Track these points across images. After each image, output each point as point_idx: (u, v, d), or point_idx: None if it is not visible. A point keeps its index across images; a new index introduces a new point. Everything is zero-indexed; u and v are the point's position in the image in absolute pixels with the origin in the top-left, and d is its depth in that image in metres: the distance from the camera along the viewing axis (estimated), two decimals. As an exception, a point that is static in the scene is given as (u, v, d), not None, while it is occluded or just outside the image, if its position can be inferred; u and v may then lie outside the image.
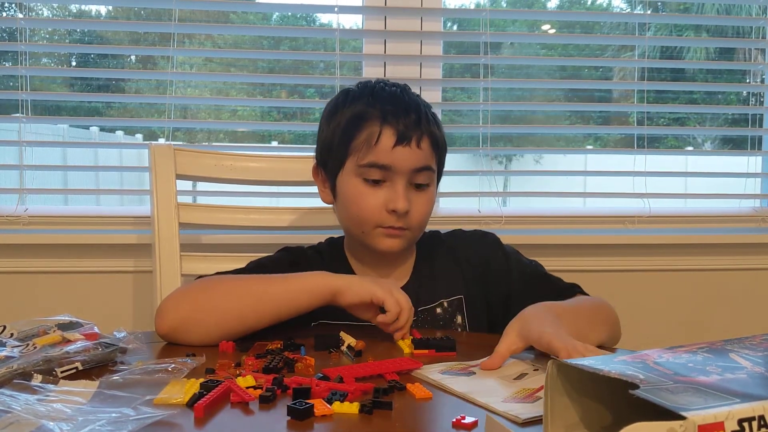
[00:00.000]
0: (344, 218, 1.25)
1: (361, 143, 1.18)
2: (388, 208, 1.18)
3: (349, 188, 1.21)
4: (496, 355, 0.94)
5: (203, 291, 1.10)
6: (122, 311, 1.78)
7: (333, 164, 1.23)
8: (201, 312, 1.06)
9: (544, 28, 2.27)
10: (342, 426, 0.73)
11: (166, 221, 1.51)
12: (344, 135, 1.20)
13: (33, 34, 1.88)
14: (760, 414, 0.52)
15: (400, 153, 1.17)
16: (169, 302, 1.09)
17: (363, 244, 1.24)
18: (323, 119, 1.27)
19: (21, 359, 0.85)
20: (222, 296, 1.08)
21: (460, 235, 1.38)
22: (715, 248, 1.95)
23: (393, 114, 1.18)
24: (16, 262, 1.74)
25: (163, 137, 1.85)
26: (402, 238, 1.21)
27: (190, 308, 1.07)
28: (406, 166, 1.18)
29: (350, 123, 1.20)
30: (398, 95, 1.23)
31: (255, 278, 1.12)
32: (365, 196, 1.19)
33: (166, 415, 0.72)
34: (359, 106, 1.21)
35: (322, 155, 1.27)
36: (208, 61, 2.17)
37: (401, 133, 1.17)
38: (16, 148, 1.79)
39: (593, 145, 2.47)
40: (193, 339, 1.05)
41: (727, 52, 2.33)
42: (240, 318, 1.06)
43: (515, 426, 0.72)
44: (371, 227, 1.20)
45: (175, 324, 1.05)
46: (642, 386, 0.54)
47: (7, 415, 0.68)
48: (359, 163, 1.18)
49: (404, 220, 1.19)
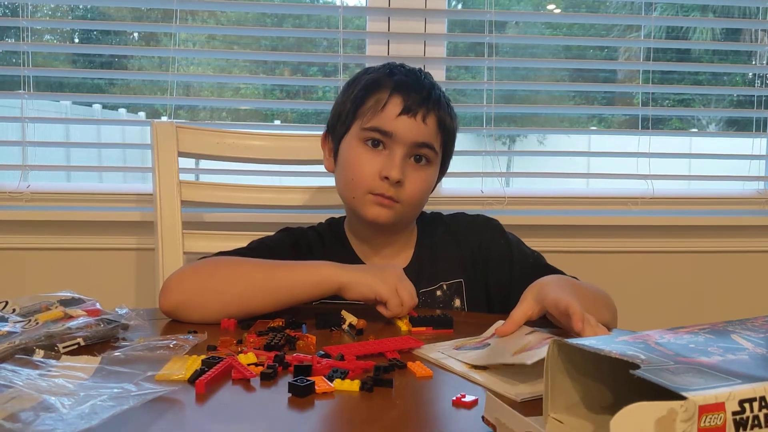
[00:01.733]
0: (340, 184, 1.27)
1: (368, 108, 1.21)
2: (381, 175, 1.18)
3: (349, 151, 1.23)
4: (510, 320, 0.94)
5: (209, 273, 1.10)
6: (124, 288, 1.78)
7: (340, 129, 1.25)
8: (205, 293, 1.06)
9: (549, 8, 2.25)
10: (342, 403, 0.73)
11: (168, 199, 1.51)
12: (355, 100, 1.23)
13: (35, 10, 1.87)
14: (761, 395, 0.52)
15: (403, 122, 1.19)
16: (174, 280, 1.09)
17: (354, 214, 1.25)
18: (341, 90, 1.31)
19: (23, 335, 0.85)
20: (227, 280, 1.08)
21: (462, 218, 1.38)
22: (718, 230, 1.95)
23: (404, 85, 1.21)
24: (19, 239, 1.74)
25: (166, 115, 1.85)
26: (391, 209, 1.20)
27: (194, 288, 1.07)
28: (407, 138, 1.19)
29: (363, 89, 1.23)
30: (416, 73, 1.26)
31: (262, 265, 1.11)
32: (362, 161, 1.20)
33: (168, 391, 0.72)
34: (375, 75, 1.25)
35: (332, 121, 1.29)
36: (210, 38, 2.15)
37: (408, 104, 1.19)
38: (19, 125, 1.78)
39: (597, 125, 2.45)
40: (195, 318, 1.05)
41: (733, 33, 2.31)
42: (243, 304, 1.06)
43: (515, 404, 0.72)
44: (363, 192, 1.20)
45: (179, 302, 1.06)
46: (643, 366, 0.54)
47: (9, 389, 0.69)
48: (363, 126, 1.21)
49: (396, 191, 1.19)
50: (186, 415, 0.70)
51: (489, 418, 0.65)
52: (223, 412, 0.71)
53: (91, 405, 0.66)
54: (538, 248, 1.75)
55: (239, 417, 0.70)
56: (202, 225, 1.73)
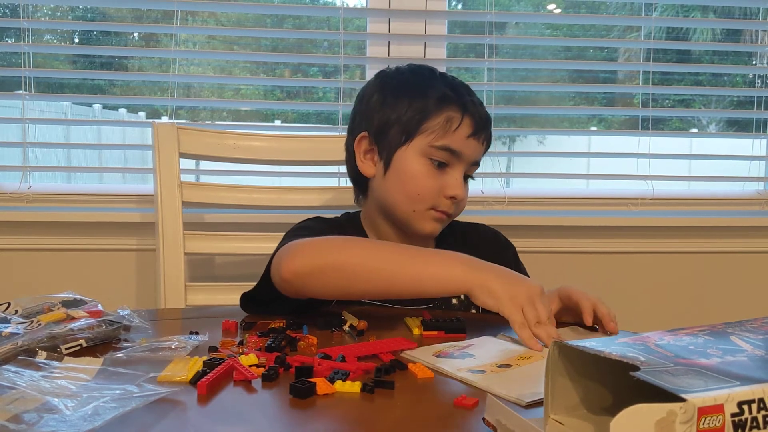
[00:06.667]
0: (396, 193, 1.22)
1: (438, 124, 1.19)
2: (447, 194, 1.20)
3: (412, 165, 1.21)
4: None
5: (340, 249, 1.06)
6: (125, 289, 1.79)
7: (395, 138, 1.21)
8: (332, 269, 1.02)
9: (549, 8, 2.25)
10: (344, 405, 0.74)
11: (169, 200, 1.52)
12: (421, 112, 1.20)
13: (35, 11, 1.87)
14: (760, 397, 0.52)
15: (471, 144, 1.21)
16: (301, 247, 1.05)
17: (402, 224, 1.24)
18: (383, 93, 1.25)
19: (26, 336, 0.86)
20: (356, 260, 1.03)
21: (484, 232, 1.39)
22: (718, 231, 1.95)
23: (473, 105, 1.22)
24: (20, 240, 1.74)
25: (166, 115, 1.85)
26: (443, 223, 1.25)
27: (322, 261, 1.03)
28: (471, 157, 1.22)
29: (429, 103, 1.20)
30: (469, 88, 1.27)
31: (394, 251, 1.07)
32: (428, 177, 1.20)
33: (170, 393, 0.72)
34: (438, 89, 1.22)
35: (379, 127, 1.23)
36: (211, 39, 2.15)
37: (477, 126, 1.21)
38: (20, 126, 1.79)
39: (597, 126, 2.45)
40: (313, 291, 1.04)
41: (733, 34, 2.31)
42: (365, 290, 1.05)
43: (516, 407, 0.73)
44: (425, 207, 1.21)
45: (304, 271, 1.02)
46: (642, 368, 0.54)
47: (12, 391, 0.69)
48: (432, 144, 1.19)
49: (454, 206, 1.23)
50: (188, 416, 0.71)
51: (490, 420, 0.65)
52: (224, 413, 0.71)
53: (93, 406, 0.66)
54: (538, 249, 1.76)
55: (241, 418, 0.70)
56: (203, 226, 1.73)
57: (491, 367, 0.86)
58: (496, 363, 0.87)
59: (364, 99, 1.28)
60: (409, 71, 1.28)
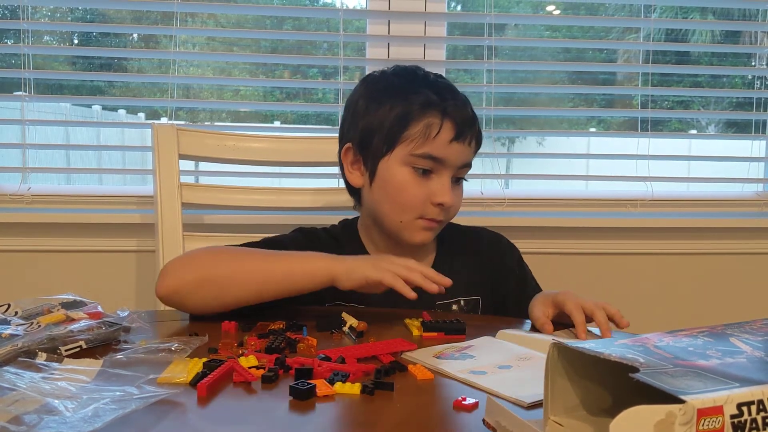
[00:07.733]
0: (383, 203, 1.21)
1: (418, 132, 1.16)
2: (434, 201, 1.17)
3: (396, 175, 1.18)
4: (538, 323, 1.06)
5: (210, 261, 1.09)
6: (125, 290, 1.79)
7: (377, 147, 1.19)
8: (203, 281, 1.06)
9: (548, 10, 2.26)
10: (344, 406, 0.74)
11: (168, 201, 1.52)
12: (400, 120, 1.17)
13: (35, 12, 1.87)
14: (759, 398, 0.52)
15: (454, 148, 1.17)
16: (173, 265, 1.08)
17: (392, 234, 1.22)
18: (367, 99, 1.22)
19: (25, 337, 0.86)
20: (227, 270, 1.07)
21: (485, 236, 1.38)
22: (717, 232, 1.95)
23: (454, 108, 1.18)
24: (19, 241, 1.74)
25: (166, 116, 1.85)
26: (434, 231, 1.22)
27: (193, 275, 1.06)
28: (456, 162, 1.19)
29: (409, 110, 1.17)
30: (453, 88, 1.23)
31: (261, 255, 1.11)
32: (412, 186, 1.18)
33: (170, 394, 0.72)
34: (420, 93, 1.18)
35: (363, 136, 1.21)
36: (210, 40, 2.16)
37: (459, 130, 1.17)
38: (19, 127, 1.79)
39: (596, 127, 2.46)
40: (190, 306, 1.06)
41: (732, 35, 2.31)
42: (240, 296, 1.06)
43: (516, 408, 0.73)
44: (413, 217, 1.19)
45: (176, 288, 1.05)
46: (642, 370, 0.54)
47: (13, 392, 0.69)
48: (413, 152, 1.16)
49: (444, 213, 1.20)
50: (188, 417, 0.71)
51: (490, 421, 0.65)
52: (224, 414, 0.71)
53: (93, 408, 0.66)
54: (538, 250, 1.76)
55: (241, 420, 0.70)
56: (202, 227, 1.73)
57: (492, 368, 0.86)
58: (497, 364, 0.87)
59: (350, 106, 1.26)
60: (393, 74, 1.25)
